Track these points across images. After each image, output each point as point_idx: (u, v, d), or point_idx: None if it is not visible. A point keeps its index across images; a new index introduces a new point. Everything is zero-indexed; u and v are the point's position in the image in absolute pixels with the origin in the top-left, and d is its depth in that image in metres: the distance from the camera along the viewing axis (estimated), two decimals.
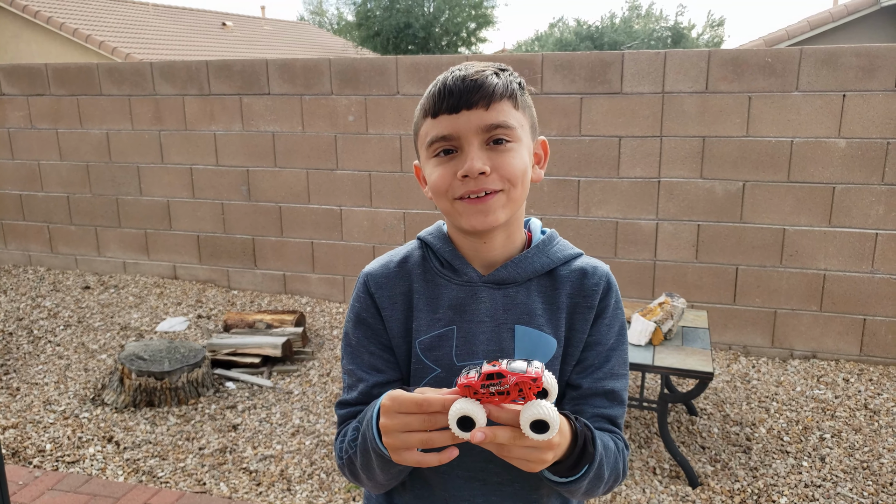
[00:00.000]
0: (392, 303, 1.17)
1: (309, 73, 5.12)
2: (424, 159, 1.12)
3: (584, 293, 1.14)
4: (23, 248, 6.38)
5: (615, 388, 1.15)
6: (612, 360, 1.15)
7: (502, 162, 1.06)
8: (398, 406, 0.91)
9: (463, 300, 1.14)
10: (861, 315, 4.35)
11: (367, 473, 1.09)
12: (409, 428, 0.90)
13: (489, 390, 0.85)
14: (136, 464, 3.29)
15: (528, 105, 1.13)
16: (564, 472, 0.99)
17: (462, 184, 1.06)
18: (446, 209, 1.10)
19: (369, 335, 1.17)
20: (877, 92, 4.04)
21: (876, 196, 4.17)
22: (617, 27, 27.33)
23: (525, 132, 1.10)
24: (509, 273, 1.14)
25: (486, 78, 1.05)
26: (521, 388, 0.84)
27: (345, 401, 1.18)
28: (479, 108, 1.04)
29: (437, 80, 1.08)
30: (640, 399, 3.44)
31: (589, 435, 1.01)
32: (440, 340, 1.13)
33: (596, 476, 1.03)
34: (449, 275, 1.16)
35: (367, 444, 1.03)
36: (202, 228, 5.74)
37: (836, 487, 3.10)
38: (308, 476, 3.19)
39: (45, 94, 5.85)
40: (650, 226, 4.59)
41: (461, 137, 1.05)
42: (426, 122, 1.09)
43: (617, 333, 1.16)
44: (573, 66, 4.52)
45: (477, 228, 1.08)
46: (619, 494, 3.04)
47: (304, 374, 4.26)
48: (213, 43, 18.07)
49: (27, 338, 4.82)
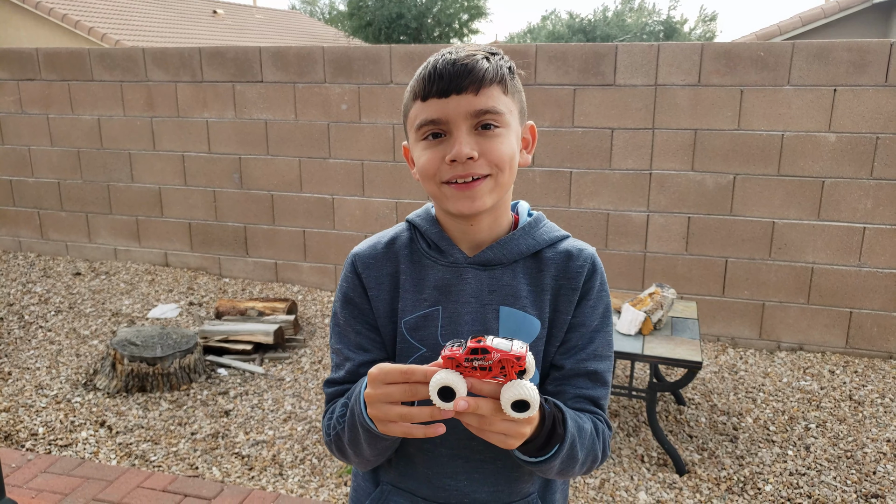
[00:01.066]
0: (378, 283, 1.18)
1: (302, 60, 5.12)
2: (413, 141, 1.12)
3: (569, 275, 1.16)
4: (13, 234, 6.35)
5: (598, 369, 1.16)
6: (596, 341, 1.16)
7: (490, 147, 1.06)
8: (384, 376, 0.92)
9: (448, 281, 1.15)
10: (847, 308, 4.40)
11: (354, 449, 1.10)
12: (391, 398, 0.92)
13: (472, 364, 0.86)
14: (128, 448, 3.30)
15: (518, 90, 1.14)
16: (534, 451, 1.01)
17: (450, 168, 1.06)
18: (434, 192, 1.11)
19: (356, 315, 1.19)
20: (867, 87, 4.08)
21: (864, 190, 4.22)
22: (609, 21, 27.33)
23: (514, 117, 1.11)
24: (495, 254, 1.15)
25: (476, 62, 1.05)
26: (504, 365, 0.86)
27: (332, 379, 1.20)
28: (468, 93, 1.05)
29: (428, 62, 1.08)
30: (629, 388, 3.47)
31: (559, 416, 1.02)
32: (425, 321, 1.15)
33: (569, 457, 1.04)
34: (435, 256, 1.17)
35: (355, 419, 1.05)
36: (194, 216, 5.73)
37: (820, 476, 3.15)
38: (300, 461, 3.21)
39: (36, 79, 5.81)
40: (641, 218, 4.63)
41: (450, 122, 1.06)
42: (416, 104, 1.09)
43: (601, 315, 1.17)
44: (567, 58, 4.54)
45: (464, 213, 1.09)
46: (607, 482, 3.08)
47: (295, 361, 4.28)
48: (204, 31, 17.95)
49: (18, 323, 4.81)
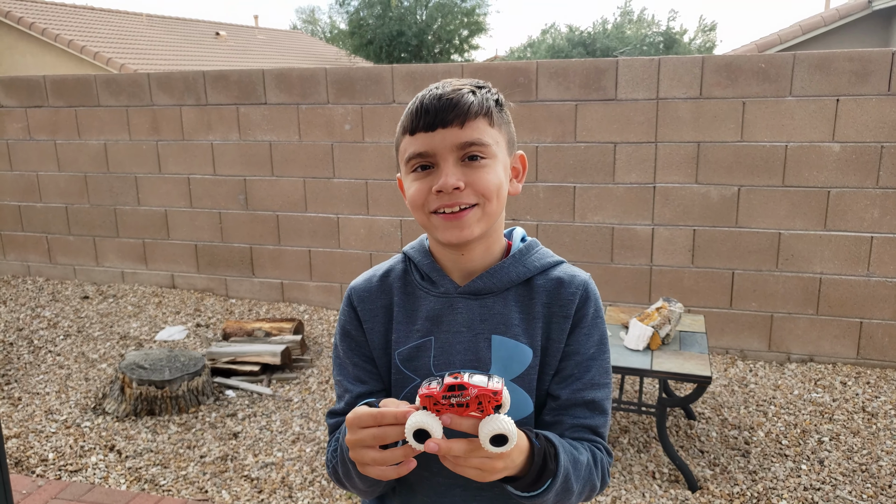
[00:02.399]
0: (373, 315, 1.21)
1: (305, 82, 5.15)
2: (404, 174, 1.17)
3: (561, 302, 1.16)
4: (21, 258, 6.38)
5: (596, 397, 1.15)
6: (593, 370, 1.16)
7: (476, 178, 1.09)
8: (357, 420, 0.95)
9: (440, 311, 1.17)
10: (857, 318, 4.38)
11: (349, 483, 1.13)
12: (364, 443, 0.94)
13: (450, 402, 0.87)
14: (138, 472, 3.29)
15: (506, 121, 1.16)
16: (527, 487, 1.02)
17: (437, 198, 1.09)
18: (423, 222, 1.14)
19: (353, 347, 1.22)
20: (870, 96, 4.09)
21: (871, 199, 4.21)
22: (609, 33, 27.41)
23: (500, 148, 1.13)
24: (485, 283, 1.16)
25: (461, 97, 1.08)
26: (482, 401, 0.87)
27: (333, 411, 1.23)
28: (454, 126, 1.08)
29: (416, 98, 1.12)
30: (638, 403, 3.45)
31: (551, 451, 1.02)
32: (418, 351, 1.16)
33: (563, 489, 1.04)
34: (427, 287, 1.19)
35: (345, 456, 1.07)
36: (200, 237, 5.75)
37: (835, 490, 3.12)
38: (309, 483, 3.20)
39: (44, 106, 5.86)
40: (646, 231, 4.62)
41: (437, 154, 1.09)
42: (405, 138, 1.14)
43: (597, 343, 1.17)
44: (568, 74, 4.55)
45: (452, 242, 1.11)
46: (618, 499, 3.06)
47: (303, 381, 4.27)
48: (207, 53, 18.11)
49: (27, 348, 4.82)
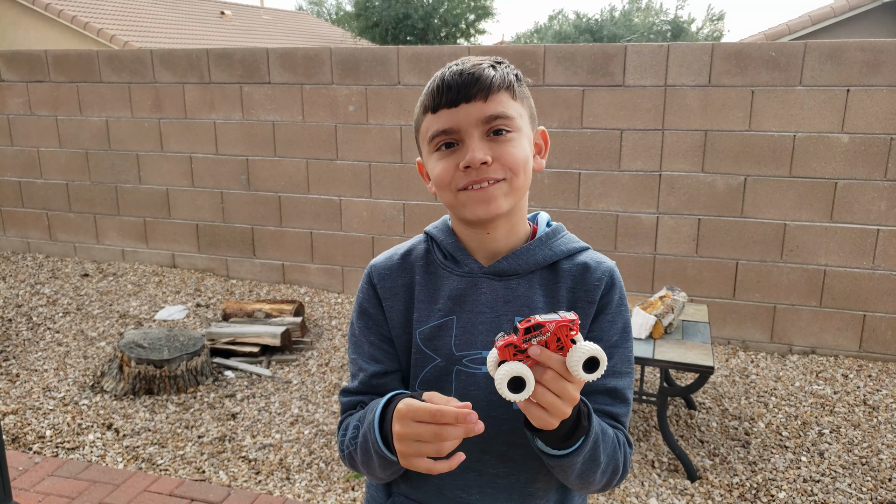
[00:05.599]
0: (393, 294, 1.19)
1: (310, 62, 5.10)
2: (427, 154, 1.13)
3: (586, 288, 1.14)
4: (21, 234, 6.36)
5: (618, 386, 1.14)
6: (615, 357, 1.14)
7: (503, 151, 1.07)
8: (413, 414, 0.93)
9: (463, 291, 1.15)
10: (861, 311, 4.36)
11: (368, 470, 1.12)
12: (420, 438, 0.93)
13: (531, 343, 0.88)
14: (135, 451, 3.28)
15: (526, 96, 1.14)
16: (557, 443, 1.00)
17: (465, 174, 1.07)
18: (450, 202, 1.11)
19: (370, 325, 1.20)
20: (881, 87, 4.04)
21: (878, 192, 4.17)
22: (617, 20, 27.26)
23: (524, 122, 1.11)
24: (510, 265, 1.14)
25: (482, 71, 1.06)
26: (559, 336, 0.87)
27: (347, 389, 1.22)
28: (477, 100, 1.06)
29: (435, 77, 1.09)
30: (639, 392, 3.44)
31: (584, 409, 1.01)
32: (440, 330, 1.15)
33: (591, 457, 1.02)
34: (451, 266, 1.17)
35: (369, 446, 1.06)
36: (201, 217, 5.72)
37: (834, 483, 3.11)
38: (307, 465, 3.19)
39: (45, 81, 5.81)
40: (651, 219, 4.59)
41: (461, 130, 1.07)
42: (427, 117, 1.10)
43: (620, 331, 1.16)
44: (575, 59, 4.50)
45: (480, 217, 1.09)
46: (617, 487, 3.05)
47: (302, 363, 4.26)
48: (212, 32, 17.99)
49: (26, 324, 4.81)
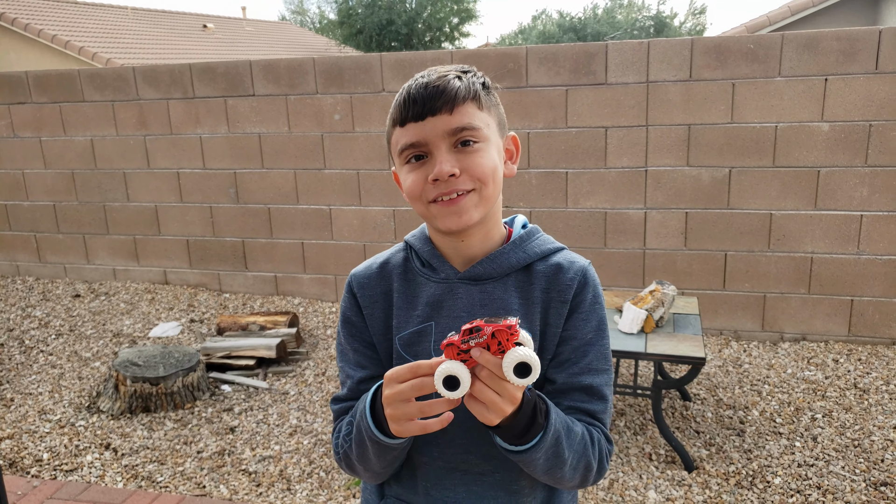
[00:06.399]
0: (372, 301, 1.22)
1: (293, 72, 5.11)
2: (398, 165, 1.16)
3: (559, 288, 1.16)
4: (10, 258, 6.34)
5: (594, 383, 1.15)
6: (590, 355, 1.16)
7: (471, 163, 1.09)
8: (395, 375, 0.97)
9: (440, 297, 1.18)
10: (848, 296, 4.40)
11: (363, 464, 1.14)
12: (403, 396, 0.95)
13: (470, 344, 0.90)
14: (134, 469, 3.29)
15: (494, 104, 1.16)
16: (513, 439, 1.01)
17: (434, 187, 1.09)
18: (422, 213, 1.14)
19: (354, 333, 1.23)
20: (858, 75, 4.08)
21: (860, 178, 4.21)
22: (600, 18, 27.37)
23: (492, 131, 1.13)
24: (485, 269, 1.17)
25: (447, 83, 1.08)
26: (499, 338, 0.89)
27: (337, 397, 1.24)
28: (443, 113, 1.08)
29: (402, 89, 1.12)
30: (633, 386, 3.47)
31: (542, 407, 1.02)
32: (419, 336, 1.17)
33: (553, 454, 1.04)
34: (428, 273, 1.20)
35: (363, 434, 1.08)
36: (191, 232, 5.73)
37: (828, 466, 3.15)
38: (307, 475, 3.20)
39: (27, 102, 5.81)
40: (639, 215, 4.62)
41: (429, 143, 1.09)
42: (396, 130, 1.13)
43: (595, 328, 1.17)
44: (557, 59, 4.54)
45: (452, 229, 1.11)
46: (616, 482, 3.07)
47: (299, 374, 4.27)
48: (195, 46, 17.96)
49: (19, 348, 4.80)
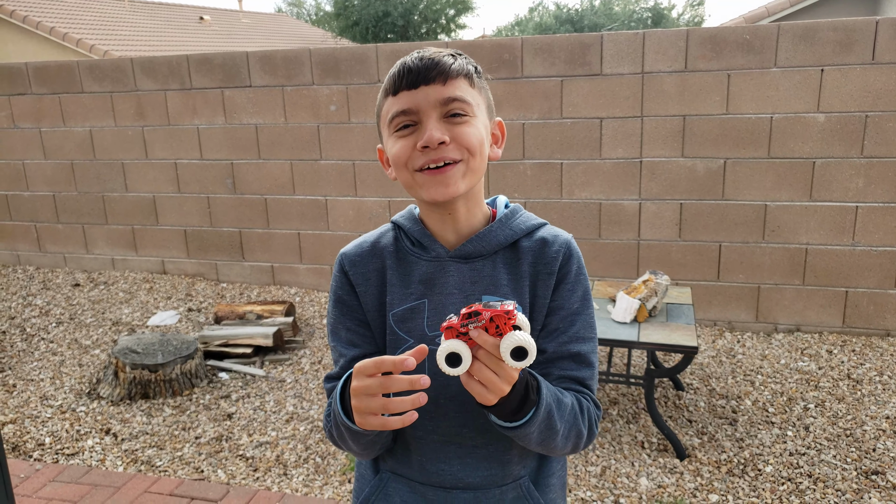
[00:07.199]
0: (366, 279, 1.24)
1: (290, 63, 5.13)
2: (386, 136, 1.17)
3: (545, 261, 1.20)
4: (11, 247, 6.36)
5: (582, 350, 1.20)
6: (577, 324, 1.20)
7: (460, 132, 1.12)
8: (362, 368, 0.98)
9: (432, 275, 1.20)
10: (843, 287, 4.43)
11: (343, 444, 1.17)
12: (369, 391, 0.97)
13: (469, 328, 0.93)
14: (134, 454, 3.33)
15: (484, 87, 1.20)
16: (508, 416, 1.04)
17: (422, 154, 1.11)
18: (407, 181, 1.16)
19: (346, 312, 1.24)
20: (854, 66, 4.11)
21: (855, 169, 4.24)
22: (597, 9, 27.33)
23: (481, 111, 1.17)
24: (474, 247, 1.20)
25: (442, 57, 1.12)
26: (497, 323, 0.92)
27: (329, 375, 1.26)
28: (436, 83, 1.11)
29: (397, 63, 1.15)
30: (626, 375, 3.50)
31: (533, 383, 1.06)
32: (412, 313, 1.20)
33: (546, 426, 1.07)
34: (419, 252, 1.22)
35: (336, 418, 1.12)
36: (189, 223, 5.75)
37: (820, 455, 3.18)
38: (304, 461, 3.24)
39: (27, 94, 5.82)
40: (633, 206, 4.65)
41: (420, 111, 1.11)
42: (388, 100, 1.15)
43: (581, 298, 1.21)
44: (553, 49, 4.55)
45: (437, 200, 1.13)
46: (608, 469, 3.11)
47: (295, 362, 4.30)
48: (192, 37, 17.93)
49: (20, 336, 4.83)
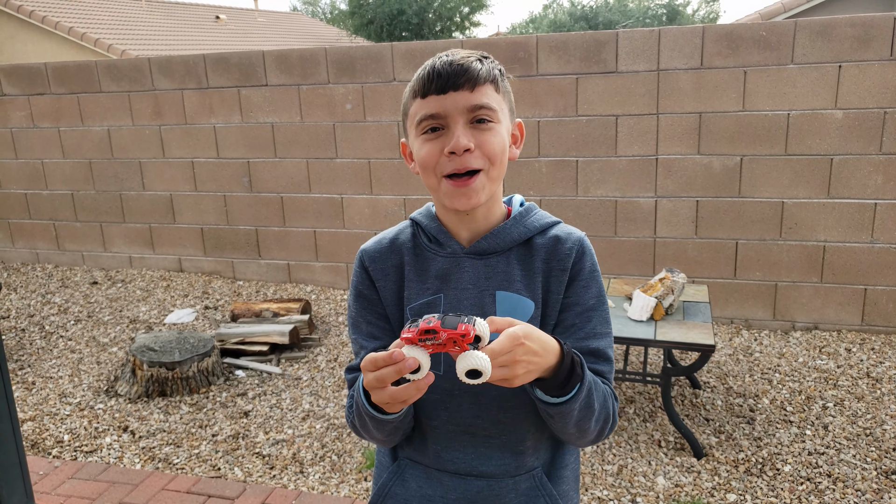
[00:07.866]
0: (385, 274, 1.28)
1: (305, 62, 5.15)
2: (413, 137, 1.21)
3: (558, 258, 1.23)
4: (30, 246, 6.43)
5: (599, 346, 1.22)
6: (594, 320, 1.23)
7: (484, 140, 1.15)
8: (365, 364, 1.02)
9: (448, 270, 1.24)
10: (862, 285, 4.39)
11: (367, 433, 1.22)
12: (370, 385, 1.01)
13: (427, 344, 0.97)
14: (151, 452, 3.35)
15: (507, 90, 1.23)
16: (556, 390, 1.07)
17: (448, 160, 1.15)
18: (432, 185, 1.20)
19: (366, 306, 1.29)
20: (872, 62, 4.06)
21: (874, 166, 4.20)
22: (611, 6, 27.19)
23: (504, 115, 1.20)
24: (489, 244, 1.23)
25: (471, 63, 1.14)
26: (456, 341, 0.96)
27: (350, 366, 1.30)
28: (464, 89, 1.13)
29: (426, 65, 1.17)
30: (643, 373, 3.48)
31: (578, 359, 1.09)
32: (429, 307, 1.24)
33: (586, 404, 1.11)
34: (436, 248, 1.26)
35: (360, 409, 1.16)
36: (205, 221, 5.79)
37: (839, 454, 3.16)
38: (320, 458, 3.26)
39: (46, 94, 5.88)
40: (649, 203, 4.63)
41: (448, 116, 1.14)
42: (415, 102, 1.18)
43: (596, 295, 1.24)
44: (568, 47, 4.54)
45: (460, 209, 1.18)
46: (625, 467, 3.10)
47: (311, 360, 4.32)
48: (208, 37, 18.05)
49: (39, 333, 4.89)
